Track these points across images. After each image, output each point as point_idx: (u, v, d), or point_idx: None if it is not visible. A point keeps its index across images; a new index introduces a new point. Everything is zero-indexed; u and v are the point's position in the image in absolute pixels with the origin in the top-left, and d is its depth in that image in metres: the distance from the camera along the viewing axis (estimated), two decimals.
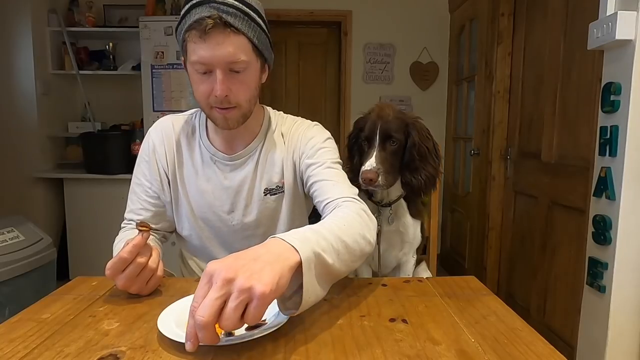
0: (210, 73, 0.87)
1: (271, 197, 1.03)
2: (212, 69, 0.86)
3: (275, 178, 1.03)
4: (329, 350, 0.60)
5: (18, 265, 1.97)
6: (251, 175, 1.02)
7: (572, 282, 1.88)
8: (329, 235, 0.69)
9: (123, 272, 0.74)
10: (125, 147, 2.94)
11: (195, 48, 0.84)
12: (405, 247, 1.08)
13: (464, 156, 3.26)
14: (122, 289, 0.77)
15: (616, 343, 1.43)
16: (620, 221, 1.38)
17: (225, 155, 1.01)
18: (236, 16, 0.83)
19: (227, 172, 1.01)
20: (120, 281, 0.75)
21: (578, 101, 1.89)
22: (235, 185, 1.01)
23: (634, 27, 1.32)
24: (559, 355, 0.59)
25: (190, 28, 0.83)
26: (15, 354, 0.59)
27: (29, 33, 2.90)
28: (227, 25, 0.82)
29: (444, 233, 3.64)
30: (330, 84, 3.78)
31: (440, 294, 0.82)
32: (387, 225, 1.04)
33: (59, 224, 3.11)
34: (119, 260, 0.74)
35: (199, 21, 0.81)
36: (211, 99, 0.88)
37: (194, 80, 0.90)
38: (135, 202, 1.03)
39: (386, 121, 0.99)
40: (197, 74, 0.88)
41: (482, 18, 2.87)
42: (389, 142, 0.98)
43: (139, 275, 0.76)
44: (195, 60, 0.85)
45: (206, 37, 0.82)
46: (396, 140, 0.99)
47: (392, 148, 0.98)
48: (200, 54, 0.84)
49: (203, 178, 1.02)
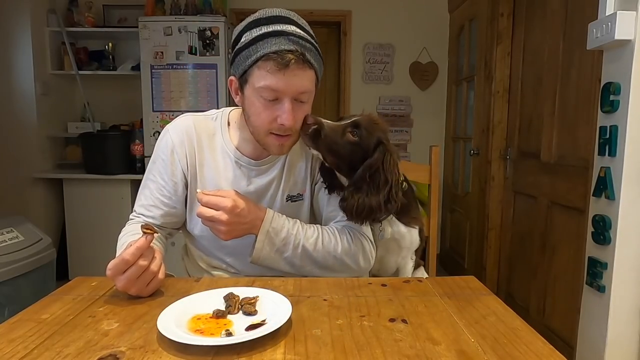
0: (276, 101, 0.87)
1: (292, 203, 1.05)
2: (280, 97, 0.87)
3: (298, 186, 1.05)
4: (328, 350, 0.60)
5: (18, 265, 1.97)
6: (276, 181, 1.03)
7: (571, 282, 1.88)
8: (302, 241, 0.94)
9: (124, 273, 0.75)
10: (125, 147, 2.94)
11: (268, 76, 0.85)
12: (403, 252, 1.07)
13: (463, 156, 3.26)
14: (122, 291, 0.77)
15: (616, 343, 1.43)
16: (619, 221, 1.38)
17: (252, 160, 1.01)
18: (311, 52, 0.87)
19: (252, 177, 1.02)
20: (120, 282, 0.76)
21: (577, 101, 1.89)
22: (259, 190, 1.02)
23: (633, 27, 1.32)
24: (558, 355, 0.60)
25: (268, 58, 0.83)
26: (14, 354, 0.59)
27: (28, 33, 2.89)
28: (306, 62, 0.85)
29: (444, 233, 3.64)
30: (330, 84, 3.78)
31: (440, 294, 0.82)
32: (379, 240, 1.02)
33: (58, 224, 3.11)
34: (121, 261, 0.74)
35: (280, 54, 0.82)
36: (273, 126, 0.89)
37: (255, 105, 0.89)
38: (148, 197, 1.02)
39: (364, 118, 0.92)
40: (262, 99, 0.87)
41: (481, 18, 2.87)
42: (352, 132, 0.89)
43: (139, 277, 0.76)
44: (266, 87, 0.85)
45: (286, 70, 0.83)
46: (358, 135, 0.89)
47: (351, 139, 0.89)
48: (274, 83, 0.85)
49: (224, 180, 1.02)
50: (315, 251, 0.94)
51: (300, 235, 0.94)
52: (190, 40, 2.87)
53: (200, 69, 2.90)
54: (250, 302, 0.72)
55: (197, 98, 2.92)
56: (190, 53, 2.87)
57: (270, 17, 0.87)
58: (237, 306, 0.72)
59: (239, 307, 0.72)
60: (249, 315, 0.70)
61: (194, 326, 0.66)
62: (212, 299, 0.74)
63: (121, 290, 0.77)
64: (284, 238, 0.93)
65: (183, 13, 3.07)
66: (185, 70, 2.90)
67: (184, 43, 2.86)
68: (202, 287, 0.84)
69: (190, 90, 2.92)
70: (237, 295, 0.74)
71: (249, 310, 0.70)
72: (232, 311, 0.71)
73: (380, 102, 3.62)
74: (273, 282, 0.88)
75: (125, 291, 0.77)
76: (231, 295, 0.74)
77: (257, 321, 0.67)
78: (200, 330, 0.64)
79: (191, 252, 1.12)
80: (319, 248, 0.94)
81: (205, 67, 2.89)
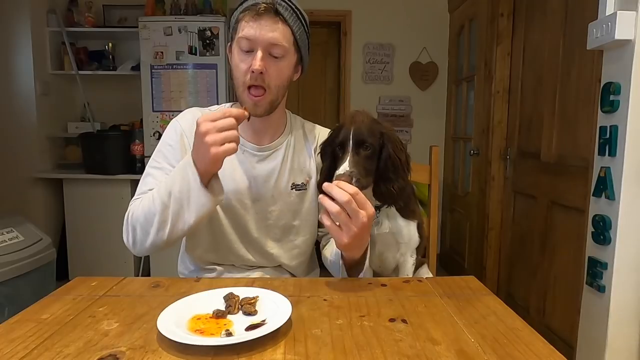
0: (251, 53, 0.94)
1: (297, 191, 1.08)
2: (254, 47, 0.93)
3: (302, 176, 1.09)
4: (328, 350, 0.60)
5: (17, 265, 1.97)
6: (279, 168, 1.06)
7: (571, 282, 1.88)
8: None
9: (214, 122, 0.80)
10: (125, 147, 2.94)
11: (245, 27, 0.93)
12: (402, 248, 1.08)
13: (463, 156, 3.26)
14: (202, 135, 0.80)
15: (616, 343, 1.43)
16: (619, 221, 1.38)
17: (255, 145, 1.05)
18: (286, 9, 0.94)
19: (254, 162, 1.05)
20: (204, 125, 0.80)
21: (577, 101, 1.89)
22: (263, 175, 1.05)
23: (633, 27, 1.32)
24: (558, 355, 0.60)
25: (245, 10, 0.94)
26: (14, 354, 0.59)
27: (28, 33, 2.90)
28: (278, 14, 0.93)
29: (444, 233, 3.64)
30: (330, 83, 3.78)
31: (440, 294, 0.82)
32: (378, 228, 1.04)
33: (58, 224, 3.11)
34: (217, 113, 0.82)
35: (254, 4, 0.92)
36: (247, 77, 0.94)
37: (235, 60, 0.97)
38: (151, 184, 0.98)
39: (359, 127, 0.97)
40: (240, 52, 0.95)
41: (481, 18, 2.87)
42: (363, 147, 0.97)
43: (224, 132, 0.81)
44: (242, 36, 0.93)
45: (258, 18, 0.92)
46: (369, 146, 0.97)
47: (366, 153, 0.97)
48: (248, 31, 0.92)
49: (229, 166, 1.02)
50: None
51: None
52: (190, 40, 2.87)
53: (200, 69, 2.90)
54: (250, 302, 0.72)
55: (197, 98, 2.92)
56: (190, 53, 2.88)
57: None
58: (237, 306, 0.72)
59: (239, 307, 0.72)
60: (249, 315, 0.70)
61: (194, 326, 0.66)
62: (212, 299, 0.74)
63: (202, 133, 0.80)
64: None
65: (183, 13, 3.07)
66: (185, 70, 2.90)
67: (184, 43, 2.87)
68: (202, 287, 0.84)
69: (190, 90, 2.92)
70: (237, 295, 0.74)
71: (249, 310, 0.70)
72: (232, 311, 0.70)
73: (380, 102, 3.62)
74: (273, 282, 0.88)
75: (202, 138, 0.80)
76: (231, 295, 0.74)
77: (257, 321, 0.67)
78: (200, 331, 0.64)
79: (187, 252, 1.12)
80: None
81: (205, 67, 2.89)
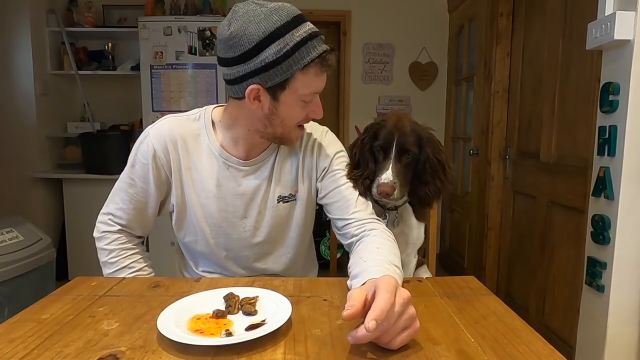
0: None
1: (284, 204, 1.03)
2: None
3: (290, 186, 1.03)
4: (329, 350, 0.60)
5: (17, 265, 1.97)
6: (266, 182, 1.01)
7: (571, 281, 1.88)
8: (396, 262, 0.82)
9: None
10: (125, 147, 2.93)
11: (315, 80, 0.88)
12: (409, 248, 1.09)
13: (463, 156, 3.26)
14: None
15: (615, 342, 1.43)
16: (619, 221, 1.38)
17: (240, 160, 0.99)
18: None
19: (240, 177, 1.00)
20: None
21: (577, 101, 1.89)
22: (249, 192, 1.00)
23: (632, 27, 1.32)
24: (558, 355, 0.60)
25: (314, 63, 0.85)
26: (14, 354, 0.59)
27: (27, 33, 2.89)
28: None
29: (443, 233, 3.64)
30: (330, 83, 3.77)
31: (440, 294, 0.82)
32: (393, 228, 1.05)
33: (58, 224, 3.11)
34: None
35: (323, 57, 0.85)
36: (303, 121, 0.94)
37: (294, 109, 0.90)
38: (125, 201, 1.00)
39: (403, 133, 0.98)
40: (302, 102, 0.90)
41: (481, 18, 2.87)
42: (405, 155, 0.98)
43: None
44: (311, 92, 0.89)
45: (327, 70, 0.88)
46: (411, 154, 0.98)
47: (407, 161, 0.98)
48: (320, 85, 0.89)
49: (213, 182, 0.99)
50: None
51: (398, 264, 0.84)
52: (189, 40, 2.87)
53: (200, 69, 2.90)
54: (250, 302, 0.72)
55: (197, 98, 2.92)
56: (189, 53, 2.88)
57: (293, 18, 0.84)
58: (237, 306, 0.72)
59: (239, 307, 0.72)
60: (249, 315, 0.70)
61: (194, 326, 0.66)
62: (212, 299, 0.74)
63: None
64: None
65: (183, 13, 3.07)
66: (184, 70, 2.90)
67: (184, 43, 2.86)
68: (202, 287, 0.84)
69: (190, 90, 2.92)
70: (237, 295, 0.74)
71: (249, 310, 0.70)
72: (232, 311, 0.71)
73: (380, 102, 3.62)
74: (273, 282, 0.88)
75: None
76: (231, 295, 0.74)
77: (257, 321, 0.67)
78: (200, 330, 0.64)
79: (186, 261, 1.12)
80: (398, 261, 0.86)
81: (205, 67, 2.89)
